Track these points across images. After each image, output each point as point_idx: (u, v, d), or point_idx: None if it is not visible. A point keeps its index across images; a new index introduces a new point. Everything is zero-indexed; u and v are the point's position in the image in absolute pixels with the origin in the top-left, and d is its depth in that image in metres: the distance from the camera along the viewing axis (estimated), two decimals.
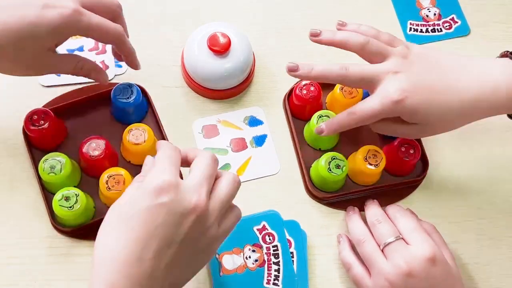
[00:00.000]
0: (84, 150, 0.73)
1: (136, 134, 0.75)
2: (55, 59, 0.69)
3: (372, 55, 0.70)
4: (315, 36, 0.72)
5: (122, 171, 0.72)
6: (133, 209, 0.57)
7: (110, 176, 0.72)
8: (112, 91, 0.77)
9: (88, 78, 0.72)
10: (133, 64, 0.75)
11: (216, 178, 0.61)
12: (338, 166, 0.75)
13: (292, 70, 0.70)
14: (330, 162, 0.75)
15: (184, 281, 0.60)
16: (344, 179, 0.77)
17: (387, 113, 0.68)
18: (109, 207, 0.59)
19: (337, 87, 0.80)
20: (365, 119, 0.69)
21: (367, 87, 0.70)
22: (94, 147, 0.73)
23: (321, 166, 0.75)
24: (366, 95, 0.80)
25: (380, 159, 0.75)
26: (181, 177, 0.63)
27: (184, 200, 0.57)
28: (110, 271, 0.55)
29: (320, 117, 0.77)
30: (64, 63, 0.70)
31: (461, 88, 0.68)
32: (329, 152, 0.76)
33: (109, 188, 0.72)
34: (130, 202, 0.58)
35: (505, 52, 0.73)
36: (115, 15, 0.71)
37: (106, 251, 0.56)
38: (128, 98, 0.76)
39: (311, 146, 0.80)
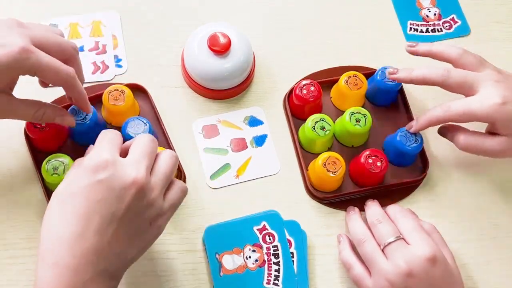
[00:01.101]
0: None
1: (115, 95, 0.76)
2: (11, 103, 0.67)
3: (468, 65, 0.74)
4: (412, 47, 0.77)
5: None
6: (73, 188, 0.59)
7: None
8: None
9: (54, 122, 0.71)
10: (84, 108, 0.73)
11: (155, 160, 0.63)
12: (323, 128, 0.76)
13: (391, 73, 0.75)
14: (317, 122, 0.76)
15: (134, 256, 0.61)
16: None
17: (485, 114, 0.70)
18: None
19: (342, 79, 0.80)
20: (460, 114, 0.71)
21: (466, 91, 0.73)
22: None
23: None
24: (370, 86, 0.80)
25: (339, 166, 0.75)
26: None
27: (122, 176, 0.59)
28: (54, 250, 0.57)
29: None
30: (21, 109, 0.68)
31: None
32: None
33: None
34: (70, 182, 0.60)
35: None
36: (70, 56, 0.68)
37: (49, 232, 0.58)
38: (83, 119, 0.75)
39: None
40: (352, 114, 0.77)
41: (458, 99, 0.72)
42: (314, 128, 0.76)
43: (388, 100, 0.83)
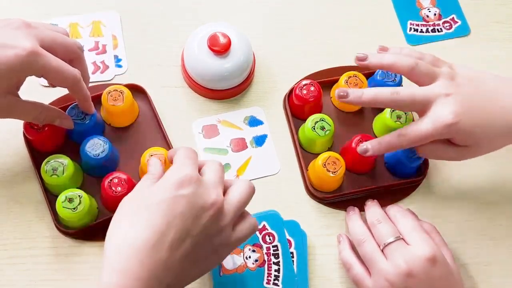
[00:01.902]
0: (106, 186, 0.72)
1: (115, 95, 0.76)
2: (17, 104, 0.68)
3: (420, 77, 0.71)
4: (362, 61, 0.73)
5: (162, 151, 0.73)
6: (151, 200, 0.58)
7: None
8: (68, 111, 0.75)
9: (53, 124, 0.72)
10: (87, 109, 0.73)
11: (228, 186, 0.63)
12: (323, 128, 0.76)
13: (341, 97, 0.71)
14: (317, 122, 0.76)
15: (192, 279, 0.61)
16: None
17: (439, 135, 0.69)
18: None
19: (342, 79, 0.80)
20: (416, 141, 0.70)
21: (418, 109, 0.71)
22: (117, 183, 0.72)
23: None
24: (370, 85, 0.80)
25: (339, 166, 0.75)
26: None
27: (204, 195, 0.59)
28: (124, 257, 0.56)
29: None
30: (26, 110, 0.69)
31: (507, 108, 0.69)
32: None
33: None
34: (147, 195, 0.59)
35: None
36: (76, 56, 0.69)
37: (120, 239, 0.57)
38: (82, 119, 0.75)
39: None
40: (393, 111, 0.78)
41: (415, 122, 0.71)
42: (314, 128, 0.76)
43: None
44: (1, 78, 0.63)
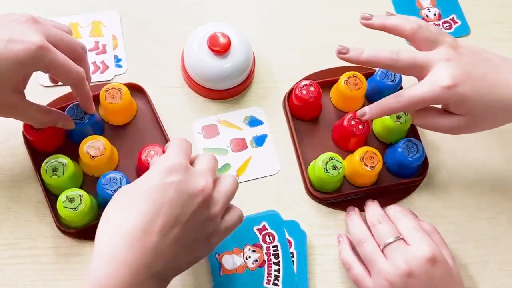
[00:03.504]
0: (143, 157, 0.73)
1: (113, 93, 0.76)
2: (24, 104, 0.68)
3: (423, 42, 0.69)
4: (366, 20, 0.72)
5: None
6: (142, 187, 0.59)
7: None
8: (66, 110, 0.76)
9: (56, 126, 0.72)
10: (88, 108, 0.74)
11: (215, 179, 0.64)
12: (334, 167, 0.75)
13: (341, 53, 0.70)
14: (327, 162, 0.75)
15: (183, 267, 0.62)
16: (340, 180, 0.77)
17: (435, 98, 0.68)
18: None
19: (341, 79, 0.80)
20: (413, 103, 0.68)
21: (417, 73, 0.70)
22: (153, 155, 0.73)
23: (318, 166, 0.75)
24: (370, 86, 0.80)
25: (376, 161, 0.75)
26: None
27: (193, 182, 0.60)
28: (112, 244, 0.56)
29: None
30: (32, 112, 0.70)
31: (510, 81, 0.68)
32: (327, 153, 0.76)
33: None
34: (138, 182, 0.60)
35: None
36: (79, 56, 0.69)
37: (110, 226, 0.58)
38: (81, 119, 0.75)
39: (380, 140, 0.80)
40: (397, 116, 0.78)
41: (412, 85, 0.69)
42: (326, 170, 0.75)
43: None
44: (9, 72, 0.63)
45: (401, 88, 0.82)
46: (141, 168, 0.73)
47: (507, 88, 0.68)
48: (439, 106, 0.71)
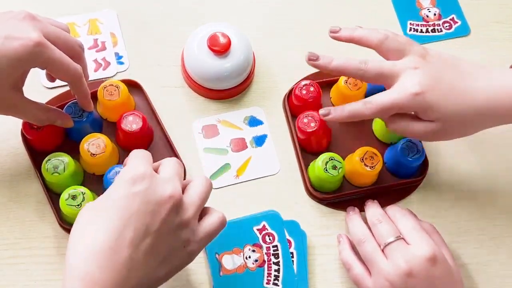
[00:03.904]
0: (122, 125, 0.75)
1: (111, 90, 0.77)
2: (23, 101, 0.68)
3: (391, 52, 0.70)
4: (334, 33, 0.72)
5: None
6: (107, 202, 0.58)
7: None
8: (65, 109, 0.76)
9: (55, 124, 0.72)
10: (86, 106, 0.74)
11: (186, 183, 0.63)
12: (334, 167, 0.75)
13: (311, 60, 0.71)
14: (327, 162, 0.75)
15: (162, 278, 0.60)
16: (340, 180, 0.77)
17: (403, 105, 0.68)
18: None
19: (341, 79, 0.80)
20: (380, 109, 0.69)
21: (385, 82, 0.70)
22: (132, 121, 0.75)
23: (318, 166, 0.75)
24: (370, 86, 0.80)
25: (376, 161, 0.75)
26: None
27: (159, 189, 0.58)
28: (84, 261, 0.55)
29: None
30: (31, 110, 0.70)
31: (479, 88, 0.68)
32: (327, 153, 0.76)
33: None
34: (103, 197, 0.59)
35: None
36: (77, 53, 0.69)
37: (79, 244, 0.56)
38: (80, 117, 0.75)
39: (380, 140, 0.80)
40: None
41: (381, 92, 0.70)
42: (326, 170, 0.75)
43: None
44: (8, 68, 0.63)
45: None
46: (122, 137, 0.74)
47: (474, 94, 0.68)
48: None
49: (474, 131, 0.71)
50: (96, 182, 0.75)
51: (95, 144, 0.73)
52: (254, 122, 0.82)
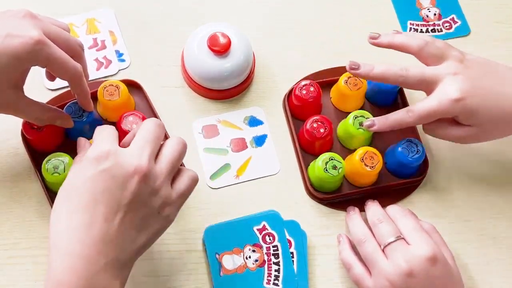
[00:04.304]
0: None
1: (111, 90, 0.77)
2: (23, 101, 0.69)
3: (430, 57, 0.72)
4: (374, 39, 0.74)
5: None
6: (77, 182, 0.60)
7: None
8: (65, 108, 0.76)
9: (54, 124, 0.73)
10: (86, 105, 0.74)
11: (161, 146, 0.64)
12: (334, 167, 0.75)
13: (353, 69, 0.73)
14: (327, 162, 0.75)
15: (143, 243, 0.62)
16: (340, 180, 0.77)
17: (444, 112, 0.70)
18: None
19: (341, 79, 0.80)
20: (423, 116, 0.71)
21: (426, 88, 0.72)
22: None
23: (318, 166, 0.75)
24: (369, 85, 0.80)
25: (376, 161, 0.75)
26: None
27: (124, 164, 0.60)
28: (65, 240, 0.58)
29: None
30: (31, 110, 0.70)
31: None
32: (327, 153, 0.76)
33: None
34: (73, 177, 0.61)
35: None
36: (77, 53, 0.69)
37: (58, 223, 0.59)
38: (80, 117, 0.75)
39: (344, 145, 0.80)
40: (355, 118, 0.77)
41: (422, 99, 0.72)
42: (326, 170, 0.75)
43: (388, 100, 0.83)
44: (8, 66, 0.63)
45: (401, 89, 0.83)
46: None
47: (511, 99, 0.70)
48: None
49: (511, 133, 0.74)
50: None
51: None
52: (254, 122, 0.82)
